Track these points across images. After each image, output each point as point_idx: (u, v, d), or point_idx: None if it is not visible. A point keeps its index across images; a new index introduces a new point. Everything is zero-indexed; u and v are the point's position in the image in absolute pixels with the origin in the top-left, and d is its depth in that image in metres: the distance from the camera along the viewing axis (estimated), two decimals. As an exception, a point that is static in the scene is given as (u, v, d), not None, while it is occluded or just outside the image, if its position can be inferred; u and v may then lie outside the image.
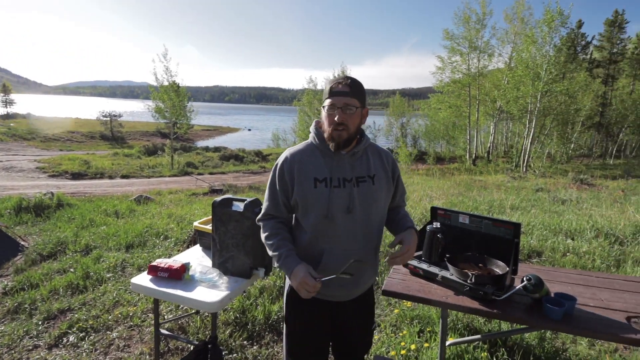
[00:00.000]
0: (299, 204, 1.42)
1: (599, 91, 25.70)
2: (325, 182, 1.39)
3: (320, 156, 1.43)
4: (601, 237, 4.91)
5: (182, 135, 29.40)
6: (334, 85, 1.38)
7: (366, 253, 1.46)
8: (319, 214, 1.38)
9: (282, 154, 1.49)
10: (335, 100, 1.36)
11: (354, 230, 1.41)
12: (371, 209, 1.44)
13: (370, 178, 1.44)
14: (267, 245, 1.45)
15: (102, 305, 3.11)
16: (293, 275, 1.33)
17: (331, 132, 1.38)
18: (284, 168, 1.43)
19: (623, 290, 1.87)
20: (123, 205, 7.06)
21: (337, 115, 1.35)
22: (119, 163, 18.67)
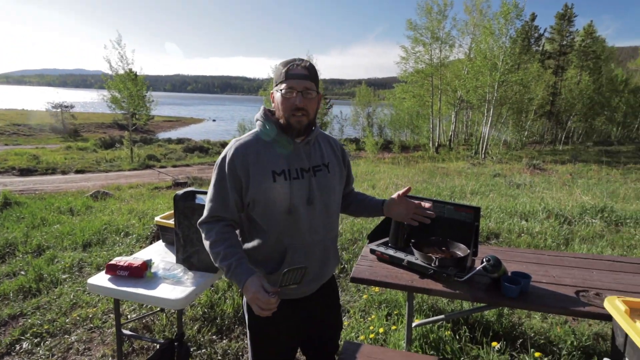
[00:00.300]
0: (257, 202, 1.27)
1: (550, 81, 27.29)
2: (284, 174, 1.27)
3: (275, 146, 1.30)
4: (552, 218, 5.27)
5: (142, 126, 28.07)
6: (291, 67, 1.24)
7: (328, 243, 1.41)
8: (280, 210, 1.27)
9: (229, 145, 1.32)
10: (294, 84, 1.23)
11: (315, 221, 1.33)
12: (329, 198, 1.38)
13: (325, 166, 1.37)
14: (213, 254, 1.26)
15: (58, 309, 2.93)
16: (245, 289, 1.17)
17: (288, 117, 1.26)
18: (235, 162, 1.25)
19: (572, 266, 2.01)
20: (78, 202, 6.66)
21: (298, 99, 1.23)
22: (73, 157, 17.53)
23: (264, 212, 1.28)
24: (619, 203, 6.67)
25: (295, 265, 1.18)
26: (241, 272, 1.19)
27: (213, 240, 1.26)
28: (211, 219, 1.29)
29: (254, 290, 1.14)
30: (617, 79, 30.48)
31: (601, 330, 2.53)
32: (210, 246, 1.27)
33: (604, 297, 1.67)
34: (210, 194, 1.30)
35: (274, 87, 1.30)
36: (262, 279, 1.19)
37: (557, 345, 2.35)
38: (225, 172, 1.27)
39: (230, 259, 1.21)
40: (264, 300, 1.12)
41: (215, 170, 1.30)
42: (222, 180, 1.28)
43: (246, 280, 1.17)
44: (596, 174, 12.35)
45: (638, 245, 4.25)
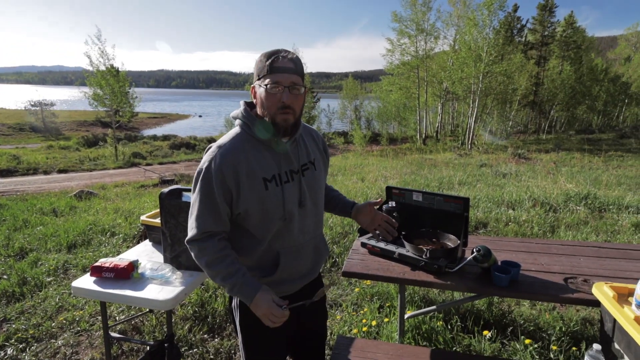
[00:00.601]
0: (250, 212, 1.18)
1: (533, 72, 27.70)
2: (275, 180, 1.20)
3: (261, 149, 1.20)
4: (538, 206, 5.37)
5: (126, 124, 27.48)
6: (275, 59, 1.12)
7: (317, 240, 1.38)
8: (274, 218, 1.20)
9: (208, 152, 1.18)
10: (280, 78, 1.11)
11: (306, 222, 1.29)
12: (317, 195, 1.33)
13: (312, 164, 1.31)
14: (212, 273, 1.17)
15: (44, 312, 2.85)
16: (254, 305, 1.14)
17: (274, 115, 1.14)
18: (223, 172, 1.13)
19: (560, 254, 2.04)
20: (62, 202, 6.49)
21: (285, 96, 1.12)
22: (55, 156, 17.09)
23: (257, 221, 1.21)
24: (602, 190, 6.84)
25: (291, 268, 1.24)
26: (248, 288, 1.15)
27: (210, 259, 1.16)
28: (202, 235, 1.17)
29: (267, 306, 1.13)
30: (597, 69, 31.13)
31: (588, 315, 2.58)
32: (207, 265, 1.17)
33: (591, 283, 1.70)
34: (197, 208, 1.17)
35: (256, 81, 1.17)
36: (271, 293, 1.17)
37: (547, 331, 2.40)
38: (212, 184, 1.14)
39: (234, 277, 1.15)
40: (279, 315, 1.13)
41: (200, 182, 1.16)
42: (209, 192, 1.15)
43: (254, 296, 1.14)
44: (579, 162, 12.65)
45: (621, 231, 4.36)
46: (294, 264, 1.28)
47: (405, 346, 1.89)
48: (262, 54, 1.16)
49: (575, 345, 2.23)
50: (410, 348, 1.85)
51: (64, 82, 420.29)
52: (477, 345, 2.24)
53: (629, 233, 4.29)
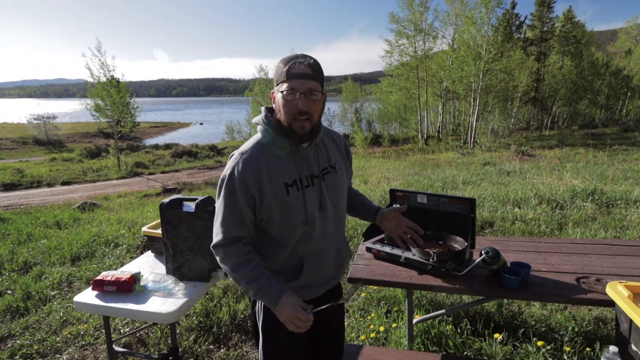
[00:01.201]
0: (273, 217, 1.20)
1: (533, 68, 27.60)
2: (296, 184, 1.21)
3: (283, 154, 1.22)
4: (544, 204, 5.30)
5: (128, 134, 27.67)
6: (292, 65, 1.13)
7: (340, 244, 1.38)
8: (296, 223, 1.22)
9: (232, 159, 1.21)
10: (297, 84, 1.12)
11: (327, 226, 1.30)
12: (338, 200, 1.34)
13: (332, 168, 1.32)
14: (237, 277, 1.19)
15: (48, 327, 2.83)
16: (279, 308, 1.16)
17: (290, 122, 1.16)
18: (246, 178, 1.16)
19: (570, 252, 2.00)
20: (65, 215, 6.49)
21: (301, 103, 1.13)
22: (58, 169, 17.17)
23: (280, 226, 1.23)
24: (608, 185, 6.75)
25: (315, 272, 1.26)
26: (272, 292, 1.17)
27: (235, 263, 1.18)
28: (227, 240, 1.19)
29: (292, 310, 1.15)
30: (598, 63, 30.97)
31: (601, 314, 2.52)
32: (232, 269, 1.19)
33: (604, 282, 1.66)
34: (221, 214, 1.20)
35: (275, 87, 1.19)
36: (295, 297, 1.18)
37: (559, 332, 2.34)
38: (236, 190, 1.17)
39: (258, 280, 1.17)
40: (304, 319, 1.15)
41: (224, 189, 1.19)
42: (233, 198, 1.18)
43: (279, 300, 1.16)
44: (583, 157, 12.53)
45: (631, 226, 4.29)
46: (317, 268, 1.29)
47: (414, 352, 1.85)
48: (281, 60, 1.18)
49: (589, 346, 2.17)
50: (420, 354, 1.80)
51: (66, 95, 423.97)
52: (489, 349, 2.19)
53: (638, 228, 4.22)
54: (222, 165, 17.86)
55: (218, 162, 19.03)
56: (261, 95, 27.36)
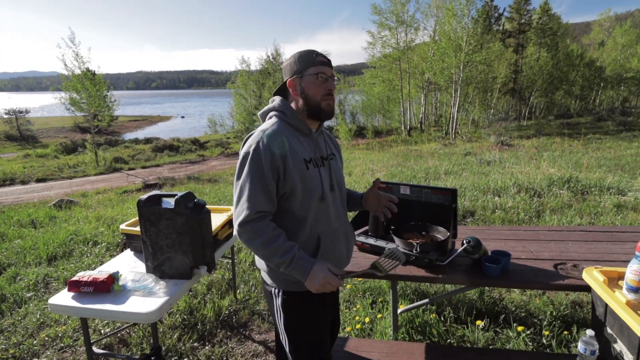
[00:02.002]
0: (295, 190, 1.24)
1: (511, 59, 28.08)
2: (313, 162, 1.31)
3: (298, 135, 1.32)
4: (523, 192, 5.44)
5: (105, 128, 26.80)
6: (317, 55, 1.31)
7: (347, 227, 1.45)
8: (315, 198, 1.28)
9: (252, 137, 1.26)
10: (326, 69, 1.30)
11: (338, 207, 1.39)
12: (342, 184, 1.45)
13: (334, 155, 1.45)
14: (269, 253, 1.20)
15: (25, 330, 2.73)
16: (311, 276, 1.19)
17: (320, 101, 1.29)
18: (272, 150, 1.20)
19: (548, 240, 2.05)
20: (40, 213, 6.26)
21: (331, 84, 1.30)
22: (32, 165, 16.52)
23: (301, 200, 1.27)
24: (583, 172, 6.99)
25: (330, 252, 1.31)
26: (304, 261, 1.20)
27: (267, 237, 1.20)
28: (257, 215, 1.20)
29: (324, 276, 1.18)
30: (573, 54, 31.76)
31: (577, 299, 2.62)
32: (263, 245, 1.20)
33: (581, 268, 1.71)
34: (247, 189, 1.20)
35: (299, 74, 1.29)
36: (326, 263, 1.22)
37: (538, 316, 2.41)
38: (262, 162, 1.20)
39: (290, 252, 1.20)
40: (335, 283, 1.19)
41: (249, 164, 1.21)
42: (260, 172, 1.20)
43: (312, 268, 1.19)
44: (559, 147, 12.92)
45: (604, 212, 4.45)
46: (332, 249, 1.34)
47: (399, 343, 1.87)
48: (300, 52, 1.32)
49: (567, 329, 2.25)
50: (405, 344, 1.82)
51: (39, 88, 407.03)
52: (471, 336, 2.24)
53: (611, 214, 4.39)
54: (205, 160, 17.56)
55: (200, 156, 18.69)
56: (244, 88, 26.95)
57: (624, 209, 4.57)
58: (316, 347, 1.36)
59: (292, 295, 1.32)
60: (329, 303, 1.42)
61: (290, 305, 1.32)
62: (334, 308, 1.55)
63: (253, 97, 26.76)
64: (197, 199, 1.82)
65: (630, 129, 18.55)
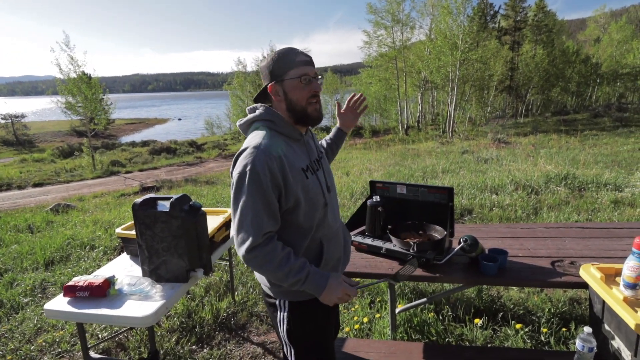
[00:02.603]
0: (299, 203, 1.18)
1: (508, 57, 28.16)
2: (310, 169, 1.25)
3: (290, 143, 1.24)
4: (520, 190, 5.44)
5: (102, 131, 26.75)
6: (296, 54, 1.18)
7: (342, 227, 1.43)
8: (319, 205, 1.24)
9: (244, 155, 1.15)
10: (308, 70, 1.18)
11: (334, 207, 1.36)
12: (333, 182, 1.42)
13: (321, 153, 1.41)
14: (282, 274, 1.14)
15: (22, 336, 2.71)
16: (328, 291, 1.17)
17: (306, 106, 1.20)
18: (270, 168, 1.12)
19: (545, 237, 2.05)
20: (37, 218, 6.24)
21: (316, 85, 1.20)
22: (29, 170, 16.47)
23: (305, 212, 1.21)
24: (580, 169, 7.00)
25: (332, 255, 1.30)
26: (319, 277, 1.18)
27: (279, 260, 1.13)
28: (264, 238, 1.13)
29: (342, 288, 1.18)
30: (569, 51, 31.87)
31: (575, 295, 2.62)
32: (276, 268, 1.14)
33: (578, 265, 1.70)
34: (250, 211, 1.12)
35: (278, 77, 1.19)
36: (340, 275, 1.22)
37: (536, 314, 2.41)
38: (262, 182, 1.11)
39: (304, 269, 1.16)
40: (353, 293, 1.21)
41: (247, 184, 1.11)
42: (261, 191, 1.11)
43: (327, 282, 1.17)
44: (556, 143, 12.95)
45: (601, 209, 4.46)
46: (333, 251, 1.32)
47: (397, 342, 1.87)
48: (278, 53, 1.20)
49: (565, 326, 2.25)
50: (403, 344, 1.82)
51: (35, 92, 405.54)
52: (469, 334, 2.24)
53: (608, 210, 4.40)
54: (202, 162, 17.53)
55: (198, 159, 18.67)
56: (240, 89, 26.90)
57: (621, 205, 4.58)
58: (323, 353, 1.34)
59: (299, 305, 1.27)
60: (333, 307, 1.39)
61: (297, 315, 1.28)
62: (336, 311, 1.54)
63: (250, 98, 26.73)
64: (192, 202, 1.81)
65: (627, 124, 18.61)
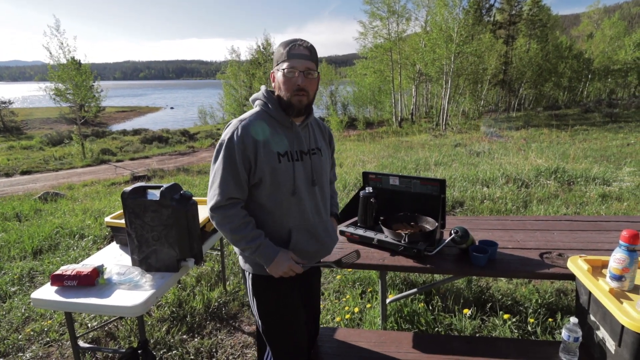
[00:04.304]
0: (264, 182, 1.28)
1: (502, 51, 28.17)
2: (287, 156, 1.31)
3: (277, 127, 1.32)
4: (511, 183, 5.50)
5: (92, 119, 26.31)
6: (292, 47, 1.26)
7: (327, 223, 1.46)
8: (285, 192, 1.30)
9: (230, 126, 1.30)
10: (296, 63, 1.25)
11: (317, 203, 1.39)
12: (324, 180, 1.44)
13: (318, 150, 1.42)
14: (237, 238, 1.27)
15: (9, 325, 2.68)
16: (275, 263, 1.27)
17: (291, 97, 1.28)
18: (245, 142, 1.25)
19: (534, 229, 2.07)
20: (25, 206, 6.13)
21: (300, 80, 1.25)
22: (17, 157, 16.14)
23: (269, 193, 1.30)
24: (570, 163, 7.09)
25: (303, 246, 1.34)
26: (270, 250, 1.27)
27: (235, 225, 1.26)
28: (228, 201, 1.26)
29: (288, 265, 1.28)
30: (562, 46, 32.00)
31: (562, 286, 2.67)
32: (232, 231, 1.27)
33: (566, 257, 1.73)
34: (219, 175, 1.26)
35: (275, 67, 1.31)
36: (289, 253, 1.30)
37: (523, 304, 2.45)
38: (234, 152, 1.25)
39: (257, 240, 1.27)
40: (297, 270, 1.30)
41: (222, 152, 1.26)
42: (232, 160, 1.25)
43: (276, 256, 1.27)
44: (547, 138, 13.07)
45: (589, 202, 4.53)
46: (305, 243, 1.35)
47: (387, 332, 1.88)
48: (280, 43, 1.30)
49: (552, 317, 2.29)
50: (393, 334, 1.84)
51: (23, 78, 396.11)
52: (458, 324, 2.27)
53: (596, 204, 4.47)
54: (195, 151, 17.36)
55: (190, 148, 18.46)
56: (234, 78, 26.57)
57: (608, 199, 4.65)
58: (287, 328, 1.40)
59: (260, 279, 1.36)
60: (299, 286, 1.44)
61: (260, 288, 1.38)
62: (310, 295, 1.56)
63: (243, 87, 26.45)
64: (183, 191, 1.79)
65: (616, 120, 18.85)
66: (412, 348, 1.68)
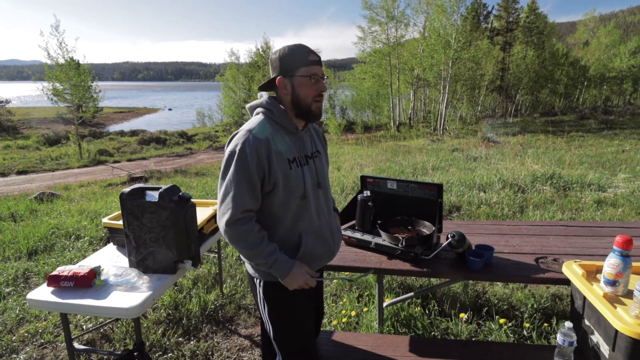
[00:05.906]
0: (277, 189, 1.26)
1: (499, 57, 28.42)
2: (296, 161, 1.31)
3: (283, 134, 1.31)
4: (507, 188, 5.53)
5: (90, 120, 26.20)
6: (310, 54, 1.27)
7: (332, 224, 1.47)
8: (296, 197, 1.30)
9: (238, 135, 1.26)
10: (317, 70, 1.27)
11: (322, 205, 1.41)
12: (326, 181, 1.46)
13: (318, 152, 1.45)
14: (253, 254, 1.25)
15: (3, 326, 2.66)
16: (290, 277, 1.28)
17: (310, 104, 1.29)
18: (258, 151, 1.22)
19: (530, 234, 2.09)
20: (21, 206, 6.09)
21: (323, 85, 1.29)
22: (13, 157, 16.03)
23: (281, 200, 1.29)
24: (566, 169, 7.14)
25: (312, 249, 1.35)
26: (285, 264, 1.27)
27: (251, 241, 1.24)
28: (242, 214, 1.23)
29: (304, 279, 1.29)
30: (559, 53, 32.31)
31: (557, 291, 2.68)
32: (248, 247, 1.24)
33: (561, 262, 1.74)
34: (234, 187, 1.22)
35: (287, 73, 1.27)
36: (304, 266, 1.31)
37: (519, 309, 2.47)
38: (248, 163, 1.21)
39: (273, 254, 1.26)
40: (312, 283, 1.32)
41: (235, 163, 1.22)
42: (246, 171, 1.22)
43: (292, 269, 1.27)
44: (543, 144, 13.16)
45: (585, 208, 4.56)
46: (314, 246, 1.36)
47: (384, 336, 1.89)
48: (290, 48, 1.27)
49: (547, 322, 2.30)
50: (389, 337, 1.84)
51: (20, 77, 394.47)
52: (455, 328, 2.28)
53: (591, 210, 4.50)
54: (192, 153, 17.32)
55: (188, 150, 18.43)
56: (232, 81, 26.61)
57: (603, 205, 4.69)
58: (300, 334, 1.40)
59: (273, 285, 1.35)
60: (310, 292, 1.44)
61: (273, 294, 1.36)
62: (317, 299, 1.58)
63: (242, 90, 26.47)
64: (182, 193, 1.79)
65: (612, 127, 19.02)
66: (408, 352, 1.68)
